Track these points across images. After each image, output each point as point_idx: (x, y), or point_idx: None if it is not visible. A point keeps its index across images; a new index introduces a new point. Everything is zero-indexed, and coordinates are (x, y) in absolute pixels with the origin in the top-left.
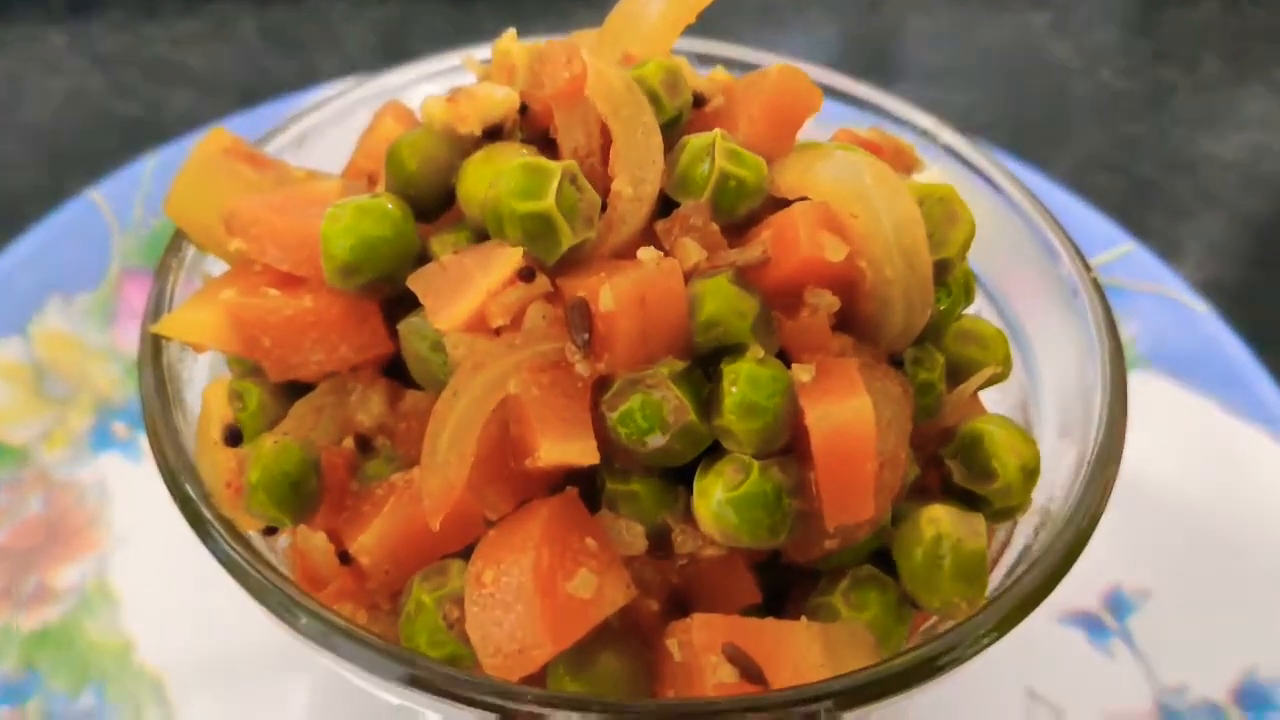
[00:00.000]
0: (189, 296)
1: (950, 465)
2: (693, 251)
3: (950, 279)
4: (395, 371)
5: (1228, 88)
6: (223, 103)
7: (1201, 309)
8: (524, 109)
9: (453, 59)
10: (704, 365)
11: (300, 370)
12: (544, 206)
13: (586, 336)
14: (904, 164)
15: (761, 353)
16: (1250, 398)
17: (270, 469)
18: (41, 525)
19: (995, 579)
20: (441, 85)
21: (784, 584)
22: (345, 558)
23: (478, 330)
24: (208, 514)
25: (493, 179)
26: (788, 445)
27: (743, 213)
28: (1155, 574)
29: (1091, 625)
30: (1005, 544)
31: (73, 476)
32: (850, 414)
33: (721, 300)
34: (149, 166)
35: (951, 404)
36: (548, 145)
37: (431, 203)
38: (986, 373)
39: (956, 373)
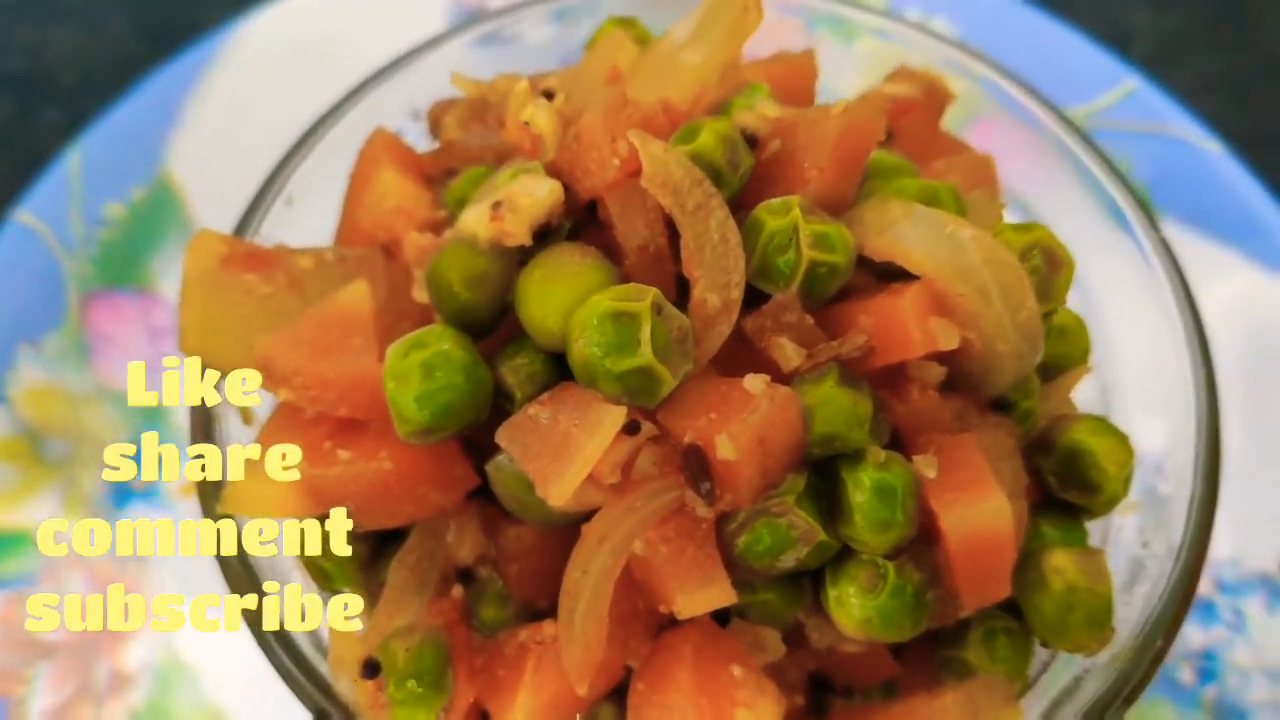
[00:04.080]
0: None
1: (1051, 481)
2: (793, 355)
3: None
4: (478, 491)
5: None
6: (117, 35)
7: (1214, 148)
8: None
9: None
10: (819, 469)
11: (387, 523)
12: (643, 362)
13: (709, 486)
14: (937, 104)
15: (883, 455)
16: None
17: (412, 675)
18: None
19: None
20: (417, 97)
21: None
22: None
23: (584, 486)
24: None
25: (576, 329)
26: (914, 535)
27: (832, 293)
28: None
29: None
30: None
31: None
32: (988, 516)
33: (835, 410)
34: (73, 163)
35: (1043, 410)
36: (598, 228)
37: (488, 323)
38: (1077, 374)
39: (1041, 371)
